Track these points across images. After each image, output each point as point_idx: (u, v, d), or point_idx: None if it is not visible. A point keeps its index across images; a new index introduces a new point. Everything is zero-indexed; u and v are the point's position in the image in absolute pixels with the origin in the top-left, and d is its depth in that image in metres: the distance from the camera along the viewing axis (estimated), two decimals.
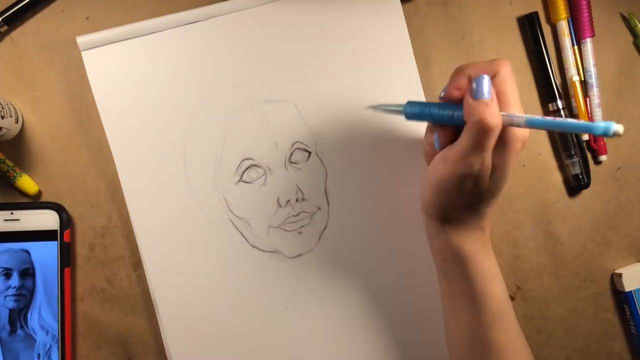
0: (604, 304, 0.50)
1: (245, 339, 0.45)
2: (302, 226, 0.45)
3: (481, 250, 0.36)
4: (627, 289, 0.47)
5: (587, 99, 0.48)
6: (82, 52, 0.43)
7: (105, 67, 0.43)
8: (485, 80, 0.33)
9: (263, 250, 0.45)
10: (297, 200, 0.45)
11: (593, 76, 0.48)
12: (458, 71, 0.35)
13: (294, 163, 0.45)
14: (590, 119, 0.49)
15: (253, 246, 0.45)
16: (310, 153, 0.45)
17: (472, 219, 0.36)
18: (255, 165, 0.45)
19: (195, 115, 0.44)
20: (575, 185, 0.49)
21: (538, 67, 0.49)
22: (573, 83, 0.48)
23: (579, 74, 0.48)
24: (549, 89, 0.48)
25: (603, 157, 0.49)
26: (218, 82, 0.45)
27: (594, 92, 0.48)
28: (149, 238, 0.44)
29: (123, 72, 0.44)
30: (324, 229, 0.46)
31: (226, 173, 0.45)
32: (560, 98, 0.48)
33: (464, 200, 0.36)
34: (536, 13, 0.48)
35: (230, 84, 0.45)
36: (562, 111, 0.48)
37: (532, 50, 0.48)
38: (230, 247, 0.45)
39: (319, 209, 0.45)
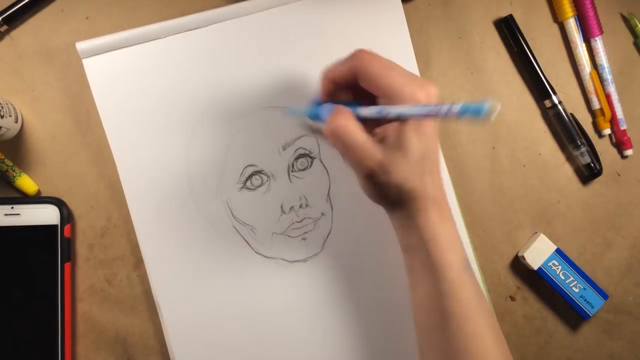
0: (605, 304, 0.50)
1: (250, 345, 0.45)
2: (306, 232, 0.45)
3: (436, 219, 0.36)
4: (536, 267, 0.47)
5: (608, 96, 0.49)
6: (83, 60, 0.43)
7: (107, 74, 0.43)
8: (324, 109, 0.38)
9: (267, 257, 0.45)
10: (300, 206, 0.45)
11: (609, 72, 0.49)
12: (322, 78, 0.38)
13: (297, 169, 0.45)
14: (614, 114, 0.49)
15: (257, 253, 0.45)
16: (313, 159, 0.45)
17: (414, 196, 0.36)
18: (258, 171, 0.44)
19: (198, 123, 0.44)
20: (588, 174, 0.49)
21: (525, 66, 0.49)
22: (594, 77, 0.48)
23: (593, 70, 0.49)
24: (541, 87, 0.48)
25: (629, 152, 0.49)
26: (220, 89, 0.44)
27: (613, 88, 0.49)
28: (152, 245, 0.44)
29: (125, 79, 0.43)
30: (328, 234, 0.45)
31: (229, 180, 0.44)
32: (554, 93, 0.48)
33: (386, 191, 0.36)
34: (511, 16, 0.48)
35: (232, 91, 0.44)
36: (559, 106, 0.48)
37: (515, 52, 0.49)
38: (234, 254, 0.44)
39: (322, 214, 0.45)
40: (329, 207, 0.45)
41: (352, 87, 0.37)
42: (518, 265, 0.49)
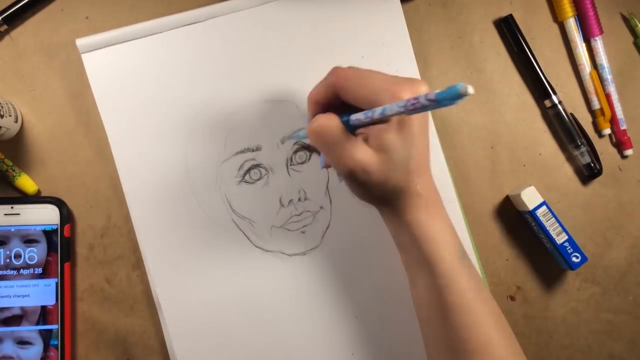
0: (605, 304, 0.50)
1: (250, 339, 0.45)
2: (305, 225, 0.45)
3: (424, 215, 0.36)
4: (530, 208, 0.46)
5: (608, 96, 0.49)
6: (82, 55, 0.43)
7: (106, 70, 0.43)
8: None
9: (266, 250, 0.45)
10: (299, 199, 0.45)
11: (609, 72, 0.49)
12: (308, 101, 0.38)
13: (296, 162, 0.45)
14: (614, 114, 0.49)
15: (256, 246, 0.45)
16: (312, 152, 0.45)
17: (401, 194, 0.36)
18: (257, 165, 0.45)
19: (197, 117, 0.44)
20: (588, 174, 0.49)
21: (525, 66, 0.49)
22: (594, 77, 0.48)
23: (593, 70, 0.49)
24: (541, 86, 0.48)
25: (629, 152, 0.49)
26: (218, 83, 0.44)
27: (613, 87, 0.49)
28: (151, 240, 0.44)
29: (124, 74, 0.43)
30: (327, 227, 0.45)
31: (228, 174, 0.44)
32: (554, 93, 0.48)
33: (369, 190, 0.36)
34: (511, 16, 0.48)
35: (230, 85, 0.45)
36: (559, 105, 0.48)
37: (515, 52, 0.49)
38: (234, 248, 0.45)
39: (321, 207, 0.45)
40: (327, 200, 0.45)
41: (340, 106, 0.37)
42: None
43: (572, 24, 0.48)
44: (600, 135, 0.50)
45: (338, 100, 0.37)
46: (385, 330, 0.46)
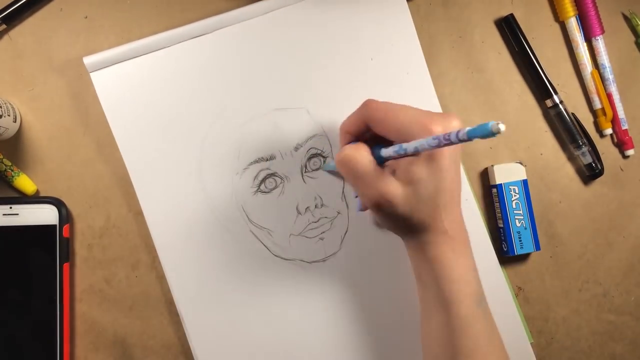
0: (606, 305, 0.50)
1: (274, 349, 0.44)
2: (324, 232, 0.45)
3: (449, 254, 0.36)
4: (497, 182, 0.46)
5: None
6: (91, 74, 0.43)
7: (115, 87, 0.43)
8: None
9: (286, 259, 0.45)
10: (316, 206, 0.45)
11: (610, 71, 0.49)
12: (340, 131, 0.39)
13: (310, 169, 0.45)
14: (616, 114, 0.49)
15: (275, 255, 0.45)
16: (325, 158, 0.45)
17: (426, 229, 0.36)
18: (272, 174, 0.44)
19: (209, 128, 0.44)
20: (590, 174, 0.49)
21: (526, 66, 0.48)
22: (595, 77, 0.48)
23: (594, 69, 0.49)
24: (542, 86, 0.48)
25: (630, 152, 0.49)
26: (229, 93, 0.44)
27: (614, 87, 0.49)
28: (170, 253, 0.43)
29: (133, 91, 0.43)
30: (345, 232, 0.45)
31: (243, 185, 0.44)
32: (555, 93, 0.48)
33: (394, 222, 0.36)
34: (512, 15, 0.48)
35: (241, 95, 0.44)
36: (560, 105, 0.48)
37: (516, 52, 0.48)
38: (253, 258, 0.44)
39: (338, 213, 0.45)
40: (344, 205, 0.45)
41: (371, 137, 0.37)
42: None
43: (573, 24, 0.48)
44: (601, 135, 0.50)
45: (369, 132, 0.37)
46: (408, 333, 0.45)
